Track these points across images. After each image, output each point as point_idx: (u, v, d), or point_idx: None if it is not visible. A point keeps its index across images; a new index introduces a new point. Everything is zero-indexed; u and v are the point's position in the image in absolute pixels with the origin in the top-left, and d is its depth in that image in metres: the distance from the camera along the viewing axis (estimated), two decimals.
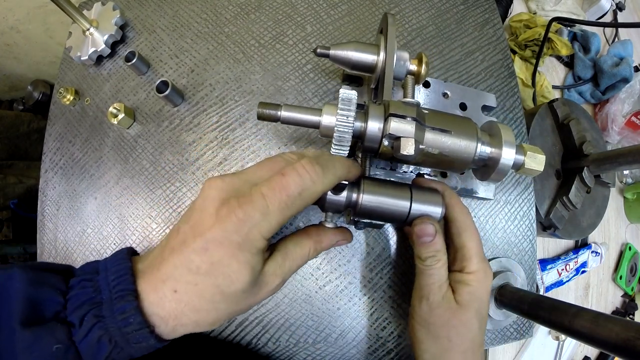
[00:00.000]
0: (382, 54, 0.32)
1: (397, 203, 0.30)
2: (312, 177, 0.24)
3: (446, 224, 0.33)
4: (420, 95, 0.42)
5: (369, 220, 0.33)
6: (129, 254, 0.25)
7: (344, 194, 0.29)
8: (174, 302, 0.22)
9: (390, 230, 0.40)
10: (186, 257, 0.22)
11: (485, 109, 0.43)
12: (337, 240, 0.30)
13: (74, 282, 0.22)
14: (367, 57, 0.33)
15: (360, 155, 0.32)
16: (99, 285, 0.22)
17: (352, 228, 0.39)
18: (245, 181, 0.24)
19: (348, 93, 0.27)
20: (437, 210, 0.31)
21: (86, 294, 0.22)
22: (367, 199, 0.29)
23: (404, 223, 0.31)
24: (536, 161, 0.29)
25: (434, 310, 0.30)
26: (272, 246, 0.27)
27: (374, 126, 0.28)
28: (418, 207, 0.30)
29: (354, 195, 0.29)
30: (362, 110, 0.29)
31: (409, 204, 0.30)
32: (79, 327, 0.21)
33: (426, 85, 0.42)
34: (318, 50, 0.32)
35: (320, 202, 0.29)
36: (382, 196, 0.30)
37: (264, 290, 0.25)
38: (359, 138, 0.29)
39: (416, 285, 0.32)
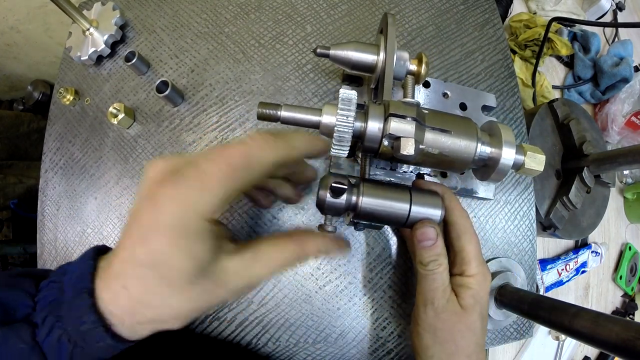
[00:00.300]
0: (382, 54, 0.32)
1: (397, 205, 0.30)
2: (259, 144, 0.22)
3: (445, 227, 0.33)
4: (421, 95, 0.42)
5: (368, 222, 0.33)
6: (97, 252, 0.24)
7: (344, 197, 0.29)
8: (125, 299, 0.21)
9: (390, 231, 0.40)
10: (129, 250, 0.21)
11: (485, 109, 0.43)
12: (327, 248, 0.27)
13: (43, 285, 0.22)
14: (367, 57, 0.33)
15: (360, 155, 0.32)
16: (63, 285, 0.22)
17: (351, 229, 0.39)
18: (187, 160, 0.22)
19: (348, 93, 0.27)
20: (436, 213, 0.31)
21: (52, 295, 0.22)
22: (367, 201, 0.29)
23: (404, 225, 0.31)
24: (536, 161, 0.29)
25: (440, 315, 0.30)
26: (245, 244, 0.24)
27: (373, 126, 0.28)
28: (418, 210, 0.30)
29: (354, 198, 0.29)
30: (362, 110, 0.29)
31: (408, 206, 0.30)
32: (41, 327, 0.21)
33: (426, 85, 0.42)
34: (318, 50, 0.32)
35: (320, 205, 0.29)
36: (382, 199, 0.30)
37: (221, 288, 0.22)
38: (358, 138, 0.29)
39: (419, 290, 0.31)
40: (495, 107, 0.43)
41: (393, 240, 0.40)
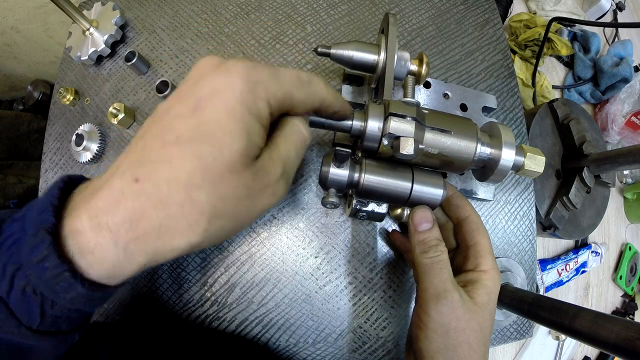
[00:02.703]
0: (382, 54, 0.32)
1: (399, 183, 0.29)
2: (317, 77, 0.22)
3: (457, 224, 0.33)
4: (421, 96, 0.42)
5: (371, 210, 0.33)
6: (66, 180, 0.19)
7: (347, 170, 0.29)
8: (131, 199, 0.16)
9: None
10: (164, 128, 0.17)
11: (486, 110, 0.43)
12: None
13: (6, 227, 0.18)
14: (368, 57, 0.33)
15: (360, 154, 0.32)
16: (24, 224, 0.17)
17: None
18: None
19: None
20: (438, 192, 0.30)
21: (12, 239, 0.17)
22: (369, 178, 0.29)
23: (405, 203, 0.31)
24: (536, 162, 0.29)
25: (456, 312, 0.26)
26: None
27: (373, 125, 0.28)
28: (420, 188, 0.30)
29: (356, 175, 0.29)
30: (362, 110, 0.29)
31: (410, 184, 0.30)
32: (2, 279, 0.17)
33: (427, 85, 0.42)
34: (319, 50, 0.32)
35: (323, 178, 0.29)
36: (384, 176, 0.29)
37: (260, 175, 0.19)
38: (358, 137, 0.29)
39: (425, 286, 0.28)
40: (496, 108, 0.43)
41: None
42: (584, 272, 0.70)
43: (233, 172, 0.17)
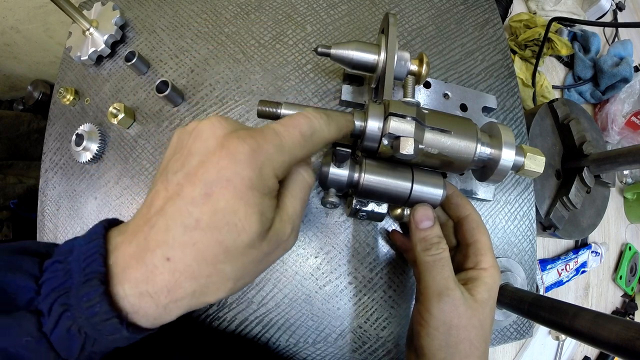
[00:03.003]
0: (382, 54, 0.32)
1: (399, 183, 0.29)
2: (319, 121, 0.23)
3: (457, 223, 0.33)
4: (421, 96, 0.42)
5: (370, 210, 0.33)
6: (107, 226, 0.21)
7: (346, 170, 0.29)
8: (166, 273, 0.18)
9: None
10: (181, 212, 0.18)
11: (486, 110, 0.43)
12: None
13: (48, 264, 0.19)
14: (368, 57, 0.33)
15: (359, 154, 0.32)
16: (70, 267, 0.19)
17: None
18: (249, 127, 0.21)
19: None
20: (438, 192, 0.30)
21: (57, 279, 0.19)
22: (369, 178, 0.29)
23: (405, 204, 0.31)
24: (536, 162, 0.29)
25: (458, 309, 0.26)
26: None
27: (373, 125, 0.28)
28: (420, 188, 0.30)
29: (356, 175, 0.29)
30: (362, 110, 0.29)
31: (410, 184, 0.30)
32: (48, 317, 0.18)
33: (427, 85, 0.42)
34: (319, 49, 0.32)
35: (323, 178, 0.29)
36: (384, 176, 0.29)
37: (273, 241, 0.21)
38: (358, 137, 0.29)
39: (427, 283, 0.28)
40: (496, 108, 0.43)
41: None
42: (584, 272, 0.70)
43: (251, 247, 0.20)
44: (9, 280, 0.18)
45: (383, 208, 0.33)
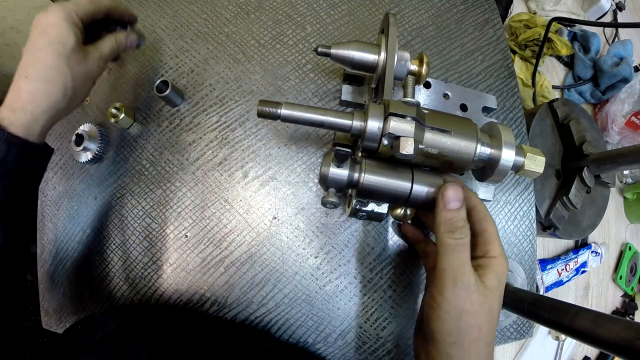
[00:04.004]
0: (383, 54, 0.32)
1: (399, 183, 0.30)
2: None
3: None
4: (421, 96, 0.42)
5: (370, 209, 0.33)
6: None
7: (346, 170, 0.29)
8: (27, 87, 0.30)
9: (390, 231, 0.40)
10: (33, 45, 0.30)
11: (486, 110, 0.43)
12: (128, 34, 0.38)
13: None
14: (368, 57, 0.33)
15: (359, 154, 0.32)
16: None
17: (352, 230, 0.39)
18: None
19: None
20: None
21: None
22: (369, 178, 0.29)
23: (405, 204, 0.31)
24: (536, 163, 0.29)
25: (471, 295, 0.27)
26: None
27: (373, 125, 0.28)
28: (420, 188, 0.30)
29: (356, 175, 0.29)
30: (362, 110, 0.29)
31: (410, 184, 0.30)
32: None
33: (427, 85, 0.42)
34: (319, 49, 0.32)
35: (323, 178, 0.29)
36: (384, 176, 0.29)
37: (88, 61, 0.33)
38: (358, 137, 0.29)
39: (443, 267, 0.28)
40: (496, 108, 0.43)
41: (393, 240, 0.40)
42: (584, 272, 0.70)
43: (75, 52, 0.32)
44: None
45: (383, 208, 0.33)
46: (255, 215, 0.38)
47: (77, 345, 0.30)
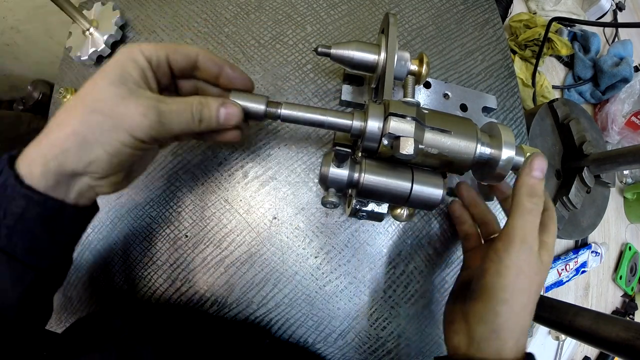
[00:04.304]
0: (383, 54, 0.32)
1: (399, 183, 0.30)
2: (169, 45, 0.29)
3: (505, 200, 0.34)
4: (421, 96, 0.42)
5: (370, 209, 0.33)
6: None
7: (346, 170, 0.29)
8: (53, 135, 0.25)
9: (390, 230, 0.40)
10: (79, 95, 0.26)
11: (486, 110, 0.43)
12: (223, 102, 0.28)
13: None
14: (368, 57, 0.33)
15: (360, 154, 0.32)
16: None
17: (352, 229, 0.39)
18: None
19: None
20: (438, 193, 0.30)
21: None
22: (369, 178, 0.29)
23: (405, 204, 0.31)
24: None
25: (531, 261, 0.27)
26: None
27: (373, 125, 0.28)
28: (420, 188, 0.30)
29: (356, 175, 0.29)
30: (362, 110, 0.29)
31: (410, 184, 0.30)
32: None
33: (427, 85, 0.42)
34: (319, 50, 0.32)
35: (323, 178, 0.29)
36: (384, 176, 0.29)
37: (132, 98, 0.25)
38: (358, 137, 0.29)
39: (515, 225, 0.28)
40: (496, 108, 0.43)
41: (393, 240, 0.40)
42: (584, 272, 0.70)
43: (130, 92, 0.25)
44: None
45: (383, 208, 0.33)
46: (255, 215, 0.38)
47: (79, 344, 0.30)
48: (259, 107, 0.29)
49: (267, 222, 0.38)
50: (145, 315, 0.35)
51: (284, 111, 0.29)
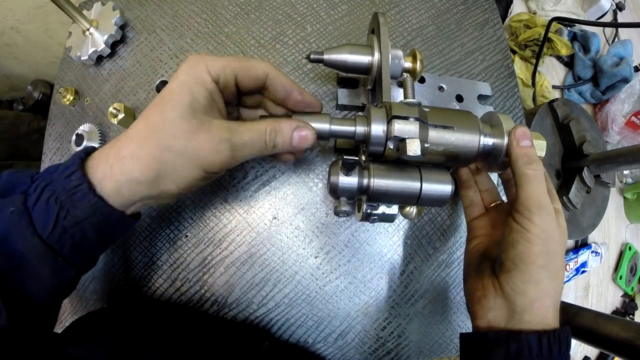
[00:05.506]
0: (376, 55, 0.32)
1: (408, 184, 0.30)
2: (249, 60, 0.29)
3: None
4: (417, 91, 0.42)
5: (382, 212, 0.33)
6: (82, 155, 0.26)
7: (356, 178, 0.29)
8: (128, 168, 0.24)
9: (390, 230, 0.40)
10: (147, 111, 0.25)
11: (481, 98, 0.43)
12: (297, 126, 0.27)
13: (42, 171, 0.26)
14: (362, 59, 0.32)
15: (364, 158, 0.32)
16: (57, 168, 0.25)
17: (353, 230, 0.39)
18: None
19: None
20: (447, 188, 0.30)
21: (45, 175, 0.25)
22: (378, 182, 0.29)
23: (416, 203, 0.31)
24: (537, 147, 0.30)
25: (553, 224, 0.27)
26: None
27: (377, 130, 0.27)
28: (429, 186, 0.30)
29: (365, 181, 0.29)
30: (364, 115, 0.29)
31: (419, 184, 0.30)
32: (32, 194, 0.24)
33: (421, 80, 0.42)
34: (312, 56, 0.32)
35: (333, 188, 0.29)
36: (392, 179, 0.29)
37: (204, 133, 0.25)
38: (362, 142, 0.29)
39: (527, 194, 0.28)
40: (491, 95, 0.43)
41: (393, 241, 0.40)
42: (584, 272, 0.70)
43: (182, 119, 0.24)
44: (13, 177, 0.25)
45: (394, 209, 0.33)
46: (255, 215, 0.38)
47: (76, 338, 0.30)
48: (323, 126, 0.29)
49: (267, 222, 0.38)
50: (145, 314, 0.35)
51: None
